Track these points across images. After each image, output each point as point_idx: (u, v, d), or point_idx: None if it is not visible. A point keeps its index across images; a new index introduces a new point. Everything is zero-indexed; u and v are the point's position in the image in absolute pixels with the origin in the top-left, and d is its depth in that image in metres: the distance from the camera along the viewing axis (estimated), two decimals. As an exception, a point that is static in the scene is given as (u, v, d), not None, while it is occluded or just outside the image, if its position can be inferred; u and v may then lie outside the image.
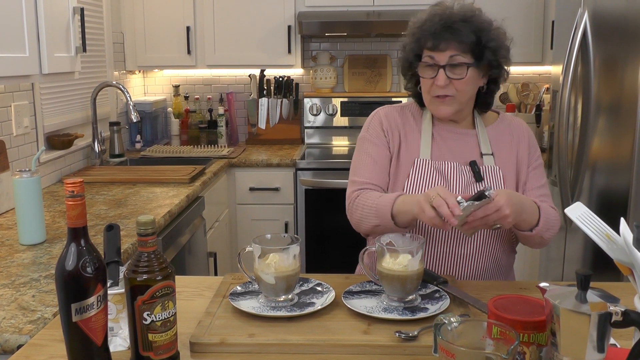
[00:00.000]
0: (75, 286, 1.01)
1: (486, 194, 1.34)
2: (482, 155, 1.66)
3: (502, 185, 1.63)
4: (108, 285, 1.09)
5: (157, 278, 1.06)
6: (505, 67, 1.64)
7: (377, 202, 1.57)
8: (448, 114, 1.63)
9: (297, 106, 4.02)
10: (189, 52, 3.72)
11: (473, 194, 1.39)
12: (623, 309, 0.91)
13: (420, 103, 1.72)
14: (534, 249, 3.34)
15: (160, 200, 2.47)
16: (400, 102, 3.85)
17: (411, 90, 1.73)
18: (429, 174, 1.63)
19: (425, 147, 1.66)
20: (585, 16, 2.64)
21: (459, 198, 1.34)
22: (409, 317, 1.28)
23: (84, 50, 2.35)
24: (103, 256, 1.13)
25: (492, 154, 1.66)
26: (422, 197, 1.39)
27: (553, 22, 3.29)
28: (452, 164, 1.64)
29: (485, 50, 1.57)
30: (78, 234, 1.02)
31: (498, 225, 1.43)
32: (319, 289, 1.43)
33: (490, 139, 1.69)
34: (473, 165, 1.63)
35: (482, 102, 1.69)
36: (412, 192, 1.61)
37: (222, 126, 3.91)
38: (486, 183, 1.62)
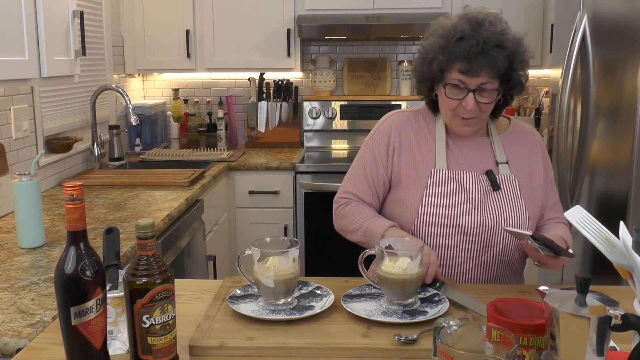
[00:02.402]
0: (74, 289, 1.01)
1: (570, 251, 1.47)
2: (497, 163, 1.65)
3: (519, 193, 1.63)
4: (107, 288, 1.09)
5: (157, 281, 1.06)
6: (525, 83, 1.64)
7: (367, 224, 1.63)
8: (470, 134, 1.64)
9: (297, 109, 4.02)
10: (188, 55, 3.73)
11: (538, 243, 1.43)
12: (622, 313, 0.91)
13: (433, 109, 1.70)
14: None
15: (159, 204, 2.47)
16: (400, 105, 3.87)
17: (424, 95, 1.70)
18: (447, 184, 1.62)
19: (440, 156, 1.65)
20: (585, 20, 2.64)
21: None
22: (408, 320, 1.27)
23: (84, 53, 2.36)
24: (102, 259, 1.13)
25: (506, 162, 1.66)
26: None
27: (552, 25, 3.30)
28: (469, 174, 1.63)
29: (513, 73, 1.56)
30: (77, 237, 1.02)
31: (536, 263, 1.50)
32: (319, 292, 1.43)
33: (504, 146, 1.68)
34: (490, 174, 1.62)
35: (497, 112, 1.68)
36: (431, 203, 1.60)
37: (221, 129, 3.91)
38: (502, 191, 1.62)
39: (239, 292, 1.42)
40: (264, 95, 3.96)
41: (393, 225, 1.61)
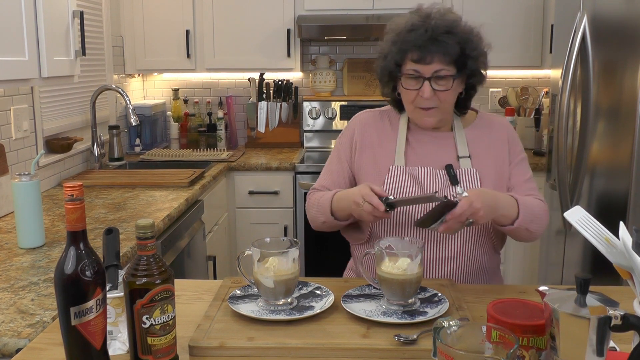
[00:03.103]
0: (74, 290, 1.01)
1: (455, 197, 1.44)
2: (458, 158, 1.66)
3: (479, 187, 1.62)
4: (107, 288, 1.09)
5: (156, 281, 1.06)
6: (484, 73, 1.65)
7: (320, 200, 1.69)
8: (433, 124, 1.65)
9: (297, 110, 4.02)
10: (188, 55, 3.73)
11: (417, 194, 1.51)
12: (622, 313, 0.91)
13: (398, 108, 1.73)
14: (535, 253, 3.36)
15: (159, 204, 2.47)
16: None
17: (388, 96, 1.73)
18: (403, 181, 1.64)
19: (400, 153, 1.67)
20: (585, 20, 2.64)
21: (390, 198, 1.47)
22: (408, 320, 1.27)
23: (84, 53, 2.35)
24: (102, 260, 1.13)
25: (469, 157, 1.66)
26: (355, 197, 1.50)
27: (552, 25, 3.29)
28: (426, 169, 1.64)
29: (468, 60, 1.58)
30: (77, 237, 1.02)
31: (471, 221, 1.44)
32: (318, 292, 1.43)
33: (468, 140, 1.68)
34: (449, 168, 1.63)
35: (462, 106, 1.69)
36: None
37: (221, 130, 3.91)
38: (462, 186, 1.61)
39: (238, 292, 1.42)
40: (264, 96, 3.96)
41: (337, 191, 1.66)
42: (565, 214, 1.09)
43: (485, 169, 1.65)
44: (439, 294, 1.41)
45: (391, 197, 1.48)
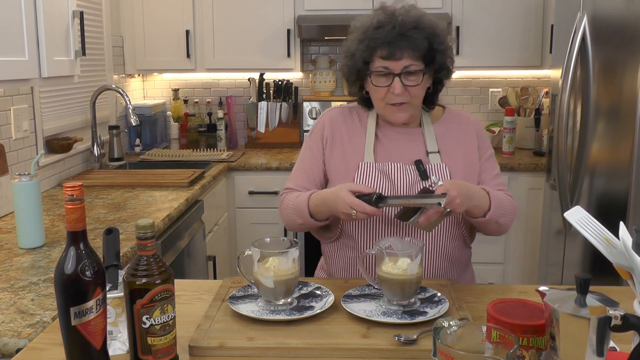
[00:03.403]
0: (74, 290, 1.01)
1: (432, 186, 1.42)
2: (428, 153, 1.66)
3: None
4: (107, 288, 1.09)
5: (156, 282, 1.06)
6: (451, 67, 1.65)
7: (296, 202, 1.65)
8: (404, 120, 1.65)
9: (297, 110, 4.02)
10: (188, 55, 3.73)
11: (417, 192, 1.47)
12: (622, 313, 0.91)
13: (367, 106, 1.73)
14: (535, 253, 3.36)
15: (159, 204, 2.47)
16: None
17: (356, 95, 1.73)
18: (373, 177, 1.64)
19: (369, 149, 1.67)
20: (585, 20, 2.64)
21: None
22: (408, 320, 1.27)
23: (84, 54, 2.35)
24: (102, 260, 1.13)
25: (438, 152, 1.66)
26: (341, 206, 1.47)
27: (552, 26, 3.29)
28: (396, 165, 1.64)
29: (437, 54, 1.59)
30: (77, 237, 1.02)
31: (449, 210, 1.44)
32: (318, 292, 1.43)
33: (437, 135, 1.69)
34: (418, 164, 1.64)
35: (429, 101, 1.69)
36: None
37: (221, 130, 3.91)
38: (432, 181, 1.60)
39: (238, 292, 1.42)
40: (264, 96, 3.96)
41: (313, 192, 1.64)
42: (566, 214, 1.09)
43: (454, 164, 1.65)
44: (439, 294, 1.41)
45: (376, 194, 1.46)
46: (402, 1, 1.64)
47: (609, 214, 2.51)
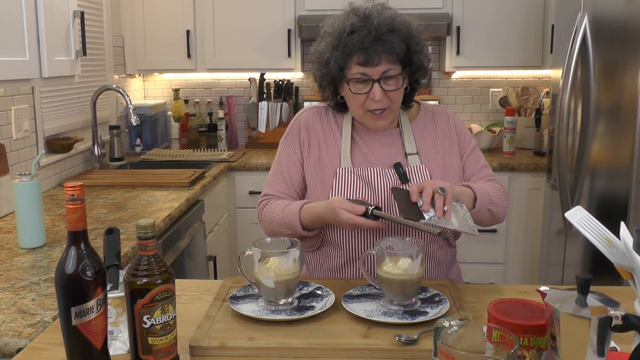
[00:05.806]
0: (75, 290, 1.01)
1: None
2: (406, 155, 1.63)
3: None
4: (108, 288, 1.09)
5: (157, 282, 1.06)
6: (428, 67, 1.63)
7: (283, 214, 1.60)
8: (385, 127, 1.62)
9: (297, 110, 4.02)
10: (189, 55, 3.73)
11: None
12: (623, 313, 0.91)
13: (341, 111, 1.69)
14: (535, 253, 3.36)
15: (160, 204, 2.47)
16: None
17: (330, 99, 1.69)
18: (352, 183, 1.59)
19: (345, 154, 1.63)
20: (585, 20, 2.64)
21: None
22: (408, 320, 1.27)
23: (84, 54, 2.36)
24: (103, 260, 1.13)
25: (417, 153, 1.63)
26: (344, 225, 1.45)
27: (553, 26, 3.30)
28: (375, 170, 1.61)
29: (414, 55, 1.56)
30: (78, 237, 1.02)
31: (442, 191, 1.40)
32: (319, 292, 1.43)
33: (415, 135, 1.66)
34: (398, 167, 1.60)
35: (407, 100, 1.66)
36: None
37: (221, 130, 3.91)
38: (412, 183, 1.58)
39: (239, 292, 1.42)
40: (265, 96, 3.96)
41: (306, 202, 1.59)
42: (566, 214, 1.09)
43: (433, 165, 1.63)
44: (440, 294, 1.41)
45: (371, 206, 1.43)
46: (372, 1, 1.59)
47: (610, 214, 2.51)
